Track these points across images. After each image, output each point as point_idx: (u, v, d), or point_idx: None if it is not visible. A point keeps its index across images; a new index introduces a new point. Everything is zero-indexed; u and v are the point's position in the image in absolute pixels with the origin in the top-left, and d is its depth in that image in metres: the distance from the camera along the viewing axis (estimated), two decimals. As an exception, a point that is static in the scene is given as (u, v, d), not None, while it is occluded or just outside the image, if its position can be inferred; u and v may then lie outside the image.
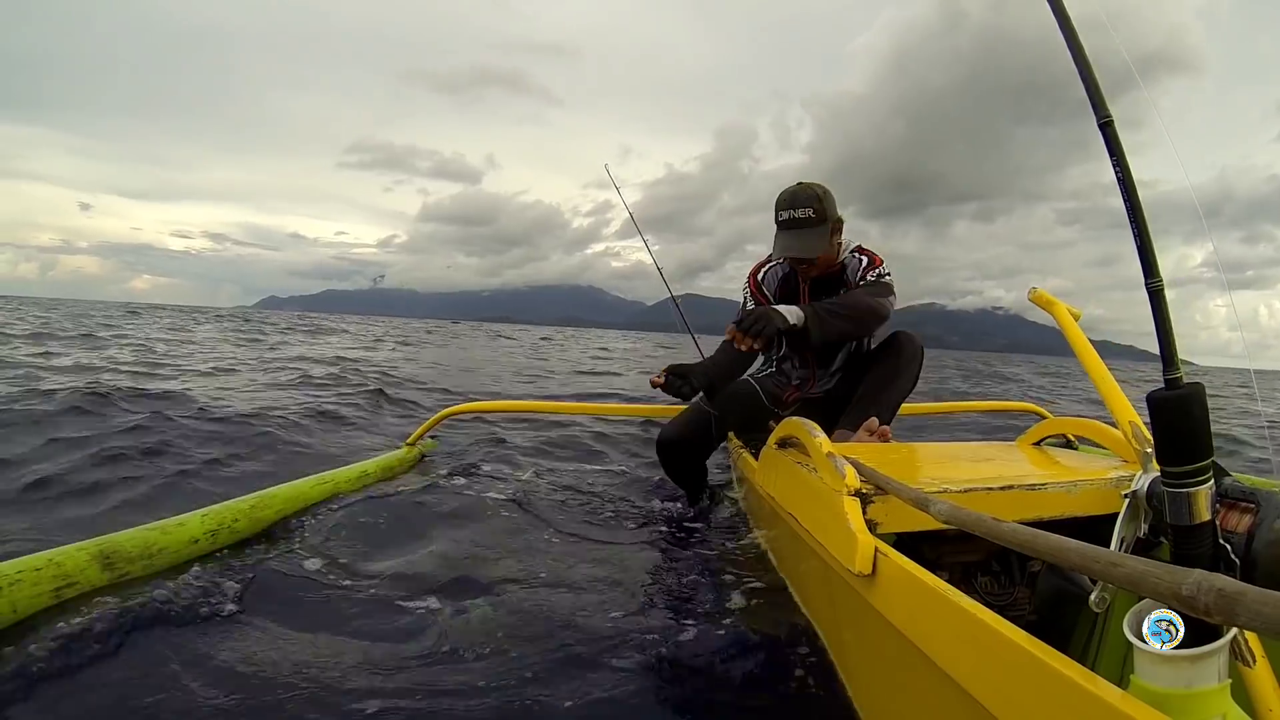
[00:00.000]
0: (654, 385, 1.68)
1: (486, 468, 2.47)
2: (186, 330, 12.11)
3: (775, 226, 1.75)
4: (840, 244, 1.80)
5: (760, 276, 1.95)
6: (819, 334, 1.58)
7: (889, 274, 1.78)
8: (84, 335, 8.74)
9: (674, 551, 1.59)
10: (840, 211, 1.78)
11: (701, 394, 1.76)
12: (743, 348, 1.53)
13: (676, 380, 1.68)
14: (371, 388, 4.59)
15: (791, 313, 1.55)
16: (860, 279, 1.77)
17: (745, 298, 1.97)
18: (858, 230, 1.92)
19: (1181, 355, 0.63)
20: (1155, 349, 0.63)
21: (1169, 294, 0.65)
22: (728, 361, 1.81)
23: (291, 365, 6.25)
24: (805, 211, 1.67)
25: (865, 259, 1.79)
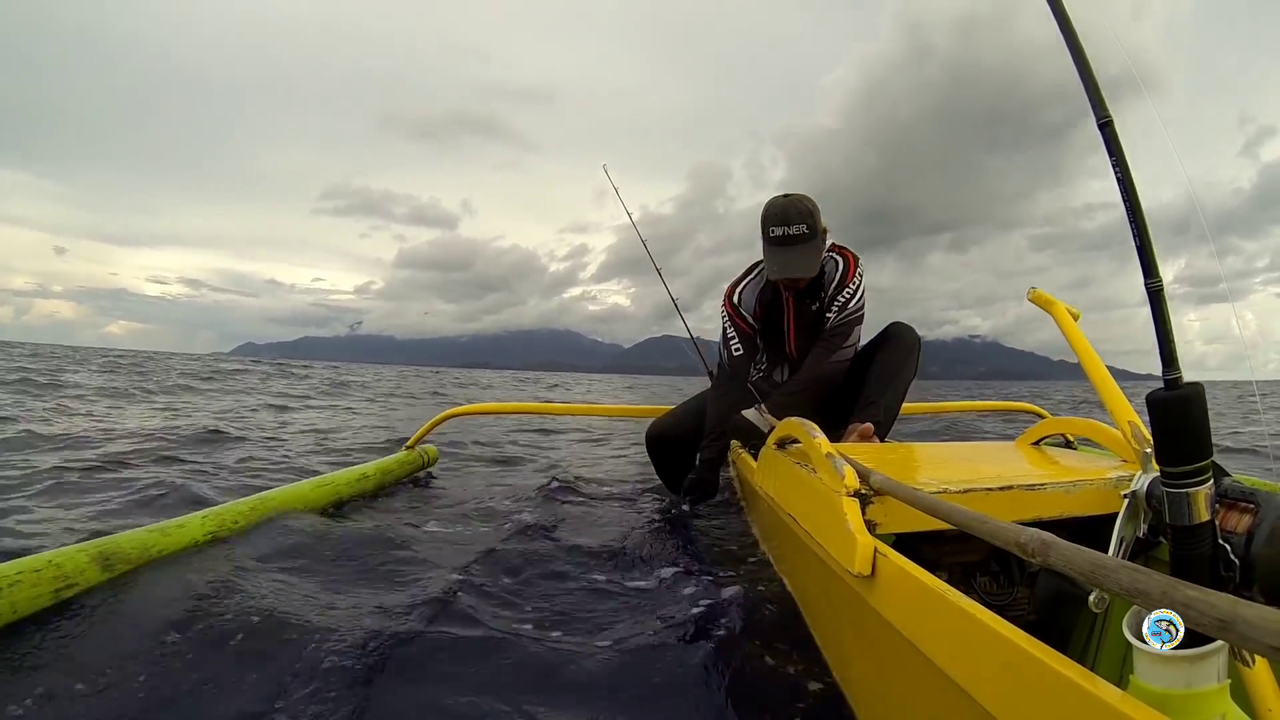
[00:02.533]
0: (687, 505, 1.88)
1: (485, 469, 2.47)
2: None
3: (764, 241, 1.68)
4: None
5: (736, 298, 1.87)
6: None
7: (858, 296, 1.74)
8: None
9: (671, 551, 1.59)
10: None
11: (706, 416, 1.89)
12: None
13: (698, 493, 1.84)
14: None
15: (761, 422, 1.65)
16: (831, 299, 1.74)
17: (724, 324, 1.90)
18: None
19: (1158, 371, 0.62)
20: (1133, 366, 0.63)
21: (1143, 310, 0.65)
22: (716, 429, 1.84)
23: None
24: (799, 228, 1.61)
25: (841, 264, 1.76)
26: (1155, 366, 0.62)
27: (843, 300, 1.72)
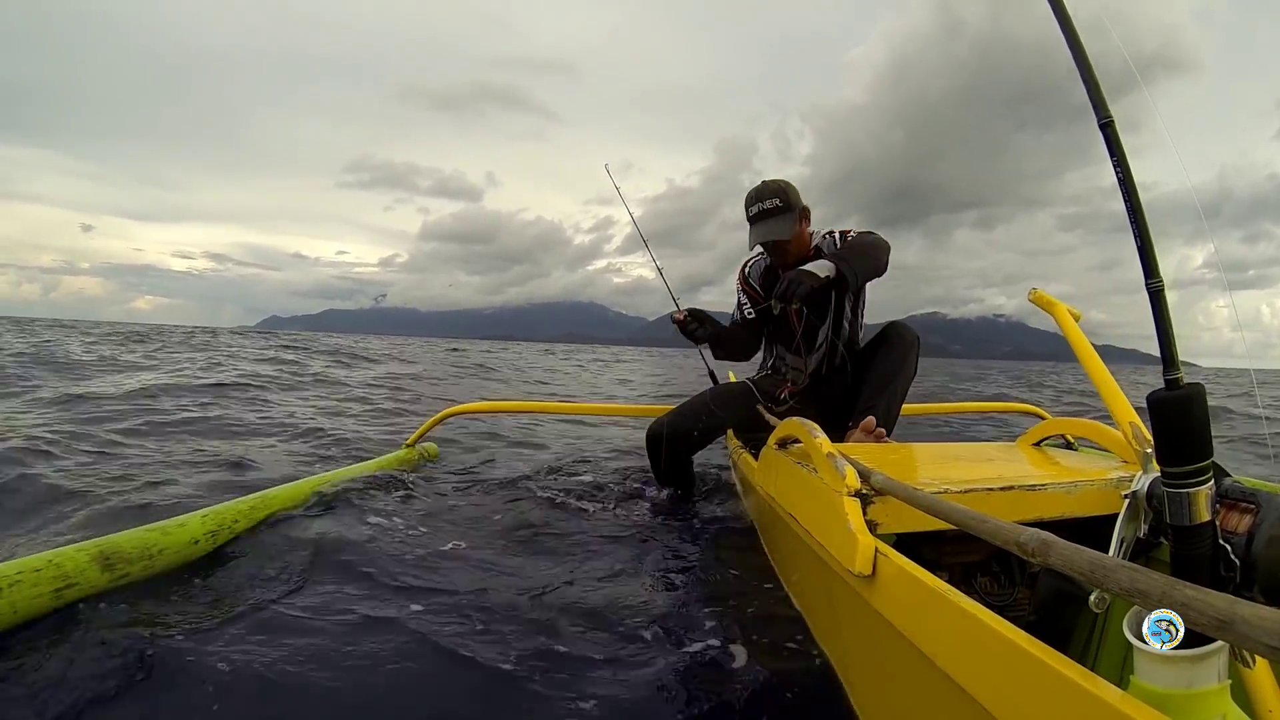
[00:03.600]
0: (675, 320, 1.95)
1: (485, 468, 2.47)
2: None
3: (748, 224, 1.87)
4: (811, 233, 1.89)
5: (746, 271, 2.08)
6: (851, 272, 1.68)
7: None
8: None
9: (673, 552, 1.59)
10: (843, 222, 1.91)
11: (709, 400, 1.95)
12: (777, 310, 1.73)
13: (694, 323, 1.92)
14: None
15: (821, 267, 1.67)
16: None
17: (738, 294, 2.08)
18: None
19: (1184, 357, 0.63)
20: (1158, 350, 0.63)
21: (1171, 296, 0.65)
22: (735, 330, 2.03)
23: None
24: (772, 201, 1.80)
25: (838, 236, 1.88)
26: (1182, 352, 0.62)
27: (853, 236, 1.85)
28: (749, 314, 2.03)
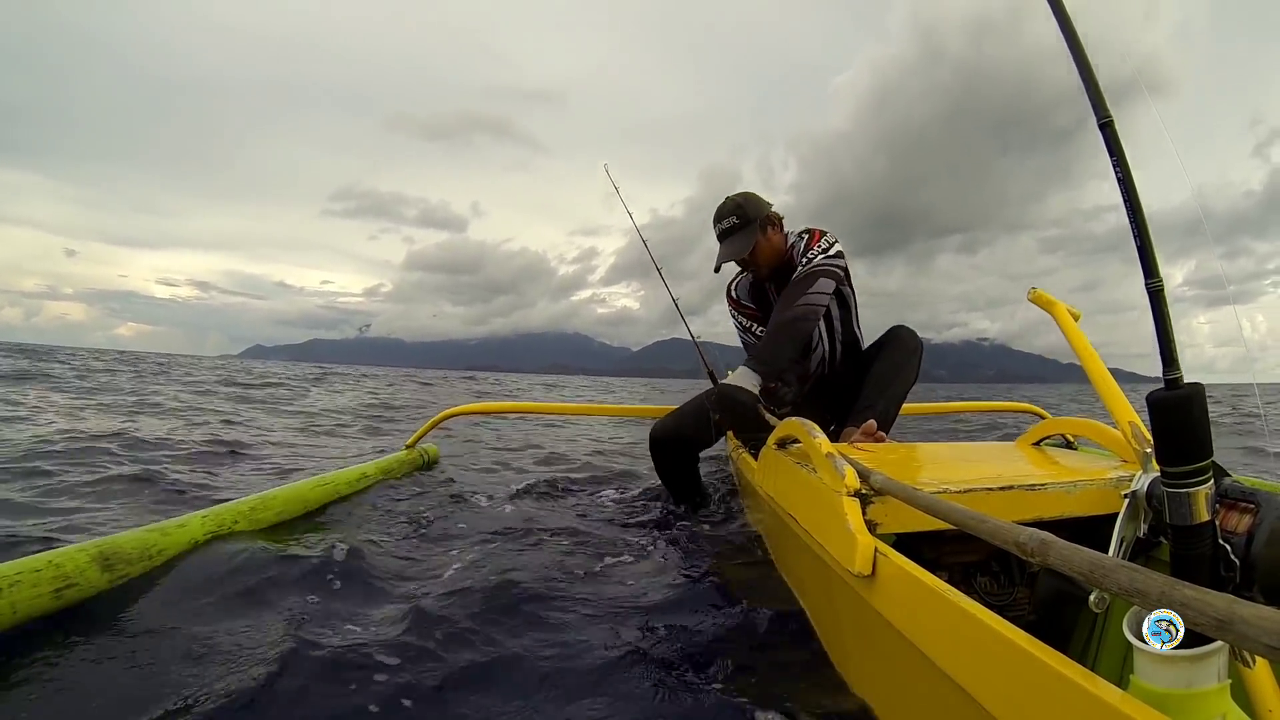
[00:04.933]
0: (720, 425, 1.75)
1: (485, 469, 2.47)
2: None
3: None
4: (784, 235, 1.88)
5: (734, 292, 2.07)
6: (772, 371, 1.64)
7: (824, 251, 1.78)
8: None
9: (672, 552, 1.59)
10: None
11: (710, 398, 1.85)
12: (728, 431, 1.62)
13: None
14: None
15: (747, 380, 1.62)
16: (801, 263, 1.80)
17: (736, 318, 2.07)
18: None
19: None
20: (1144, 370, 0.62)
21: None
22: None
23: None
24: (730, 220, 1.84)
25: (805, 238, 1.84)
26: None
27: (808, 258, 1.78)
28: (760, 333, 1.98)
